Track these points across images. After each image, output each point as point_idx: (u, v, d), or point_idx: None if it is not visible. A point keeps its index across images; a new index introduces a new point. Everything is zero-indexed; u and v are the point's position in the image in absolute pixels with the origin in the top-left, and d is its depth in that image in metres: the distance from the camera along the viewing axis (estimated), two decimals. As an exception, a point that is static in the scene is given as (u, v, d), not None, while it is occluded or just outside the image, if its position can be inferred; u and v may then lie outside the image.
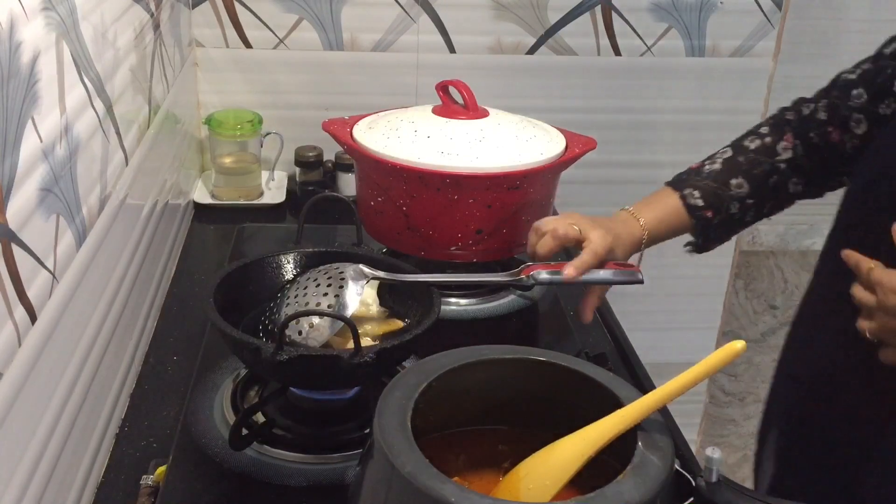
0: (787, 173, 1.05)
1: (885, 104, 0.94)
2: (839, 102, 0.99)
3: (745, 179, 1.06)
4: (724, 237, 1.10)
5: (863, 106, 0.96)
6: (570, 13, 1.64)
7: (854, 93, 0.97)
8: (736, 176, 1.06)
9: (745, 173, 1.06)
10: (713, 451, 0.64)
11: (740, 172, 1.06)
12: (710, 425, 2.19)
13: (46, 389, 0.76)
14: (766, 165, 1.06)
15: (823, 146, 1.02)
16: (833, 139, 1.00)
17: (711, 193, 1.06)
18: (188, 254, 1.40)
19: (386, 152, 1.15)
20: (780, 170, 1.05)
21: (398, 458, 0.61)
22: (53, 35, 0.79)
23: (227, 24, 1.58)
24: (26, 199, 0.71)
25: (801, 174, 1.05)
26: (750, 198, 1.06)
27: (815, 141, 1.03)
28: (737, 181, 1.06)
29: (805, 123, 1.04)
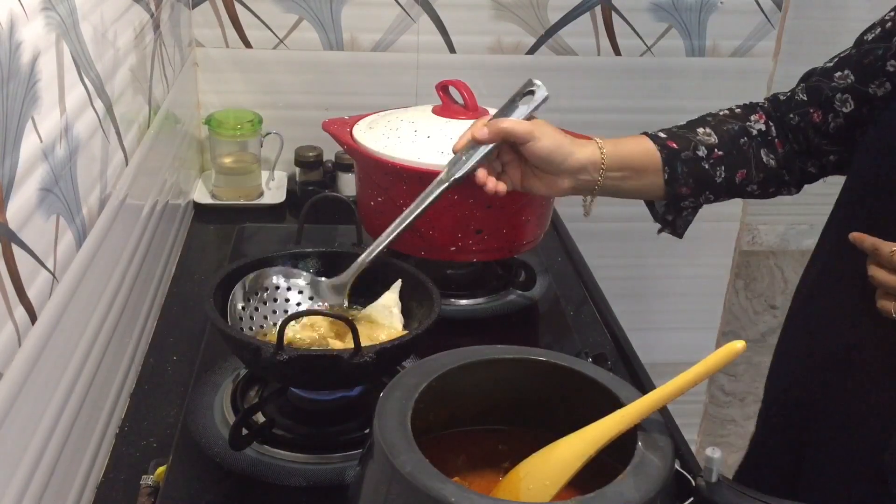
0: (759, 142, 1.03)
1: (875, 84, 0.94)
2: (821, 84, 0.99)
3: (713, 130, 1.03)
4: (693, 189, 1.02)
5: (849, 86, 0.96)
6: (570, 13, 1.64)
7: (837, 74, 0.97)
8: (703, 126, 1.03)
9: (714, 127, 1.03)
10: (713, 451, 0.64)
11: (708, 125, 1.04)
12: (710, 425, 2.19)
13: (46, 389, 0.76)
14: (736, 126, 1.03)
15: (805, 126, 1.00)
16: (814, 119, 0.99)
17: (675, 134, 1.03)
18: (188, 254, 1.40)
19: (386, 152, 1.15)
20: (751, 134, 1.03)
21: (398, 458, 0.61)
22: (53, 35, 0.79)
23: (227, 24, 1.58)
24: (26, 199, 0.71)
25: (773, 150, 1.03)
26: (719, 149, 1.02)
27: (793, 122, 1.01)
28: (704, 130, 1.03)
29: (782, 107, 1.03)
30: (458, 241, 1.18)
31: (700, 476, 0.64)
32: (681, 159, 1.01)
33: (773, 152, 1.03)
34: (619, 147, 1.01)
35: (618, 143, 1.01)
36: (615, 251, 1.84)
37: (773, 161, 1.03)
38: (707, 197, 1.05)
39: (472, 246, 1.19)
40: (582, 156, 0.98)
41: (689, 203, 1.05)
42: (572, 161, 0.98)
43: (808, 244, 1.97)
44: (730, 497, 0.63)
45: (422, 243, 1.19)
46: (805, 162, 1.03)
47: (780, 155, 1.03)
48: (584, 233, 1.60)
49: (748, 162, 1.03)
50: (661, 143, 1.02)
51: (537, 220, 1.23)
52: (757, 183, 1.04)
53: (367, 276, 1.03)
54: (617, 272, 1.81)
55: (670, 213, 1.07)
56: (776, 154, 1.03)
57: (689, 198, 1.04)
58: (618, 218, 1.82)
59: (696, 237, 1.87)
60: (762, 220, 1.94)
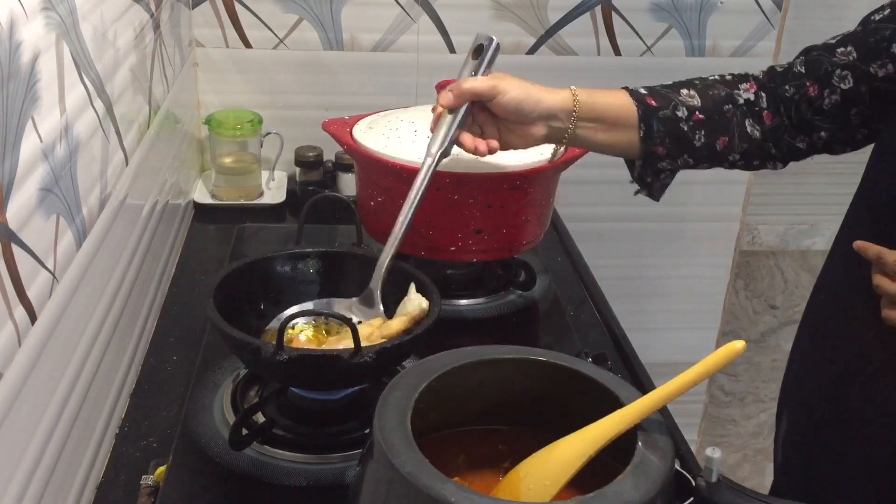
0: (745, 111, 1.01)
1: (876, 64, 0.93)
2: (822, 58, 0.97)
3: (698, 94, 1.01)
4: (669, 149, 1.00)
5: (850, 63, 0.95)
6: (570, 13, 1.64)
7: (840, 50, 0.96)
8: (688, 88, 1.02)
9: (699, 91, 1.01)
10: (713, 451, 0.64)
11: (693, 88, 1.02)
12: (710, 425, 2.19)
13: (46, 389, 0.76)
14: (722, 92, 1.01)
15: (799, 99, 0.99)
16: (810, 93, 0.98)
17: (657, 92, 1.01)
18: (188, 254, 1.40)
19: (386, 152, 1.15)
20: (737, 103, 1.01)
21: (398, 458, 0.61)
22: (53, 35, 0.79)
23: (227, 24, 1.58)
24: (26, 199, 0.71)
25: (759, 121, 1.01)
26: (701, 112, 1.00)
27: (788, 94, 1.00)
28: (688, 92, 1.01)
29: (777, 77, 1.02)
30: (458, 241, 1.18)
31: (700, 476, 0.64)
32: (658, 117, 0.99)
33: (759, 123, 1.01)
34: (595, 97, 0.99)
35: (593, 93, 0.99)
36: (615, 251, 1.84)
37: (758, 132, 1.01)
38: (686, 160, 1.02)
39: (472, 246, 1.19)
40: (552, 102, 0.97)
41: (666, 164, 1.03)
42: (542, 108, 0.96)
43: (808, 244, 1.97)
44: (730, 497, 0.63)
45: (422, 243, 1.19)
46: (794, 137, 1.01)
47: (767, 127, 1.01)
48: (584, 233, 1.60)
49: (730, 130, 1.01)
50: (640, 98, 1.00)
51: (537, 220, 1.23)
52: (740, 153, 1.02)
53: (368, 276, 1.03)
54: (617, 272, 1.82)
55: (647, 175, 1.05)
56: (762, 126, 1.01)
57: (665, 159, 1.02)
58: (618, 218, 1.82)
59: (696, 237, 1.89)
60: (762, 220, 1.93)
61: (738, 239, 1.91)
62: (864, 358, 0.93)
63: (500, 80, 0.96)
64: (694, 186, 1.76)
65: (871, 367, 0.92)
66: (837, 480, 0.99)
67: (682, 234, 1.86)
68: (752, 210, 1.88)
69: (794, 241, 1.98)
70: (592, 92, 0.99)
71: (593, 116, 0.99)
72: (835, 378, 0.97)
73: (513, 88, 0.95)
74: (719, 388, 2.15)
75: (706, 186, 1.79)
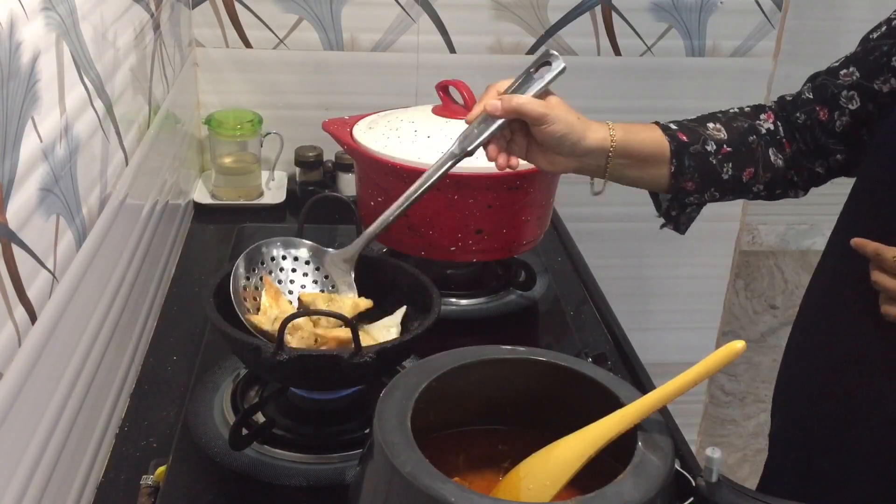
0: (768, 140, 1.02)
1: (880, 80, 0.94)
2: (827, 82, 0.99)
3: (723, 126, 1.02)
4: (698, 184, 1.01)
5: (855, 82, 0.96)
6: (570, 13, 1.64)
7: (843, 72, 0.97)
8: (713, 122, 1.03)
9: (724, 123, 1.02)
10: (713, 451, 0.64)
11: (718, 121, 1.03)
12: (710, 425, 2.19)
13: (46, 389, 0.76)
14: (745, 123, 1.03)
15: (812, 125, 1.01)
16: (821, 117, 0.99)
17: (686, 126, 1.02)
18: (188, 254, 1.40)
19: (386, 152, 1.15)
20: (760, 133, 1.02)
21: (398, 458, 0.61)
22: (53, 35, 0.79)
23: (227, 24, 1.58)
24: (26, 199, 0.71)
25: (781, 150, 1.03)
26: (728, 145, 1.01)
27: (800, 121, 1.01)
28: (714, 125, 1.02)
29: (789, 106, 1.03)
30: (458, 241, 1.18)
31: (700, 476, 0.64)
32: (689, 153, 1.00)
33: (780, 152, 1.03)
34: (631, 135, 0.99)
35: (629, 131, 0.99)
36: (615, 251, 1.84)
37: (781, 161, 1.03)
38: (713, 194, 1.04)
39: (472, 246, 1.19)
40: (591, 142, 0.96)
41: (693, 199, 1.05)
42: (581, 146, 0.96)
43: (808, 244, 1.98)
44: (730, 497, 0.63)
45: (422, 243, 1.19)
46: (812, 162, 1.03)
47: (788, 155, 1.03)
48: (584, 233, 1.60)
49: (756, 161, 1.02)
50: (672, 134, 1.01)
51: (537, 220, 1.23)
52: (763, 183, 1.03)
53: (368, 276, 1.03)
54: (617, 272, 1.82)
55: (674, 209, 1.07)
56: (784, 154, 1.03)
57: (693, 193, 1.03)
58: (618, 218, 1.82)
59: (696, 237, 1.88)
60: (762, 220, 1.94)
61: (739, 239, 1.91)
62: (858, 353, 0.93)
63: (552, 110, 0.93)
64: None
65: (864, 362, 0.93)
66: (829, 475, 0.99)
67: (683, 234, 1.86)
68: (752, 210, 1.88)
69: (794, 241, 1.98)
70: (629, 129, 0.99)
71: (627, 154, 0.99)
72: (828, 373, 0.97)
73: (560, 121, 0.93)
74: (719, 388, 2.15)
75: (706, 186, 1.79)
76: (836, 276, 0.98)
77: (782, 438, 1.07)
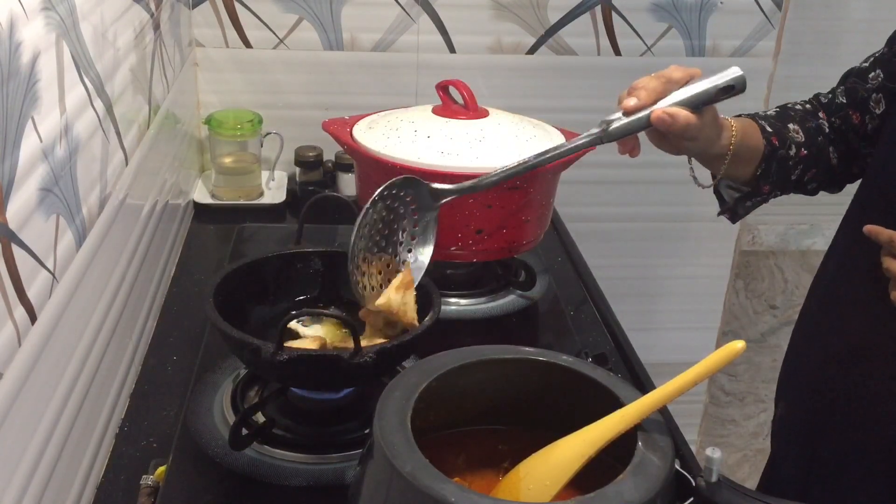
0: (830, 139, 1.03)
1: None
2: (857, 86, 1.00)
3: (800, 128, 1.02)
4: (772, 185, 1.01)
5: (880, 85, 0.97)
6: (570, 13, 1.64)
7: (871, 75, 0.99)
8: (792, 122, 1.03)
9: (800, 123, 1.03)
10: (713, 451, 0.64)
11: (795, 121, 1.03)
12: (710, 425, 2.19)
13: (46, 389, 0.76)
14: (814, 123, 1.03)
15: (847, 129, 1.02)
16: (854, 121, 1.01)
17: (776, 126, 1.02)
18: (188, 254, 1.40)
19: (386, 152, 1.15)
20: (825, 132, 1.03)
21: (398, 458, 0.61)
22: (53, 35, 0.79)
23: (227, 24, 1.58)
24: (26, 199, 0.71)
25: (836, 147, 1.03)
26: (804, 147, 1.01)
27: (837, 125, 1.03)
28: (794, 126, 1.02)
29: (827, 112, 1.04)
30: (458, 241, 1.18)
31: (700, 476, 0.64)
32: (777, 158, 1.00)
33: (837, 150, 1.04)
34: (745, 140, 0.97)
35: (745, 136, 0.97)
36: (615, 251, 1.84)
37: (836, 160, 1.04)
38: (776, 194, 1.03)
39: (472, 246, 1.19)
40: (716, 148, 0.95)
41: (759, 200, 1.04)
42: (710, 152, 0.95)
43: (808, 244, 1.97)
44: (730, 497, 0.63)
45: (422, 243, 1.19)
46: (850, 164, 1.04)
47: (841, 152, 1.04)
48: (584, 233, 1.60)
49: (820, 162, 1.03)
50: (768, 137, 1.00)
51: (537, 220, 1.23)
52: (818, 182, 1.05)
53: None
54: (617, 272, 1.82)
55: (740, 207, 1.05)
56: (839, 151, 1.04)
57: (767, 196, 1.03)
58: (618, 218, 1.82)
59: (696, 237, 1.89)
60: (762, 220, 1.93)
61: (739, 239, 1.91)
62: (862, 343, 0.93)
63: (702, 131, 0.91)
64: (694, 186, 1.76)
65: (868, 352, 0.93)
66: (832, 464, 0.99)
67: (683, 234, 1.86)
68: (752, 210, 1.88)
69: (794, 241, 1.98)
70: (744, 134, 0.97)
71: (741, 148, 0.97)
72: (833, 362, 0.98)
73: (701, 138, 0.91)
74: (719, 388, 2.15)
75: (706, 186, 1.79)
76: (843, 268, 0.99)
77: (786, 426, 1.08)
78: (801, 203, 1.13)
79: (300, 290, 1.04)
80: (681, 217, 1.84)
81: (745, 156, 0.99)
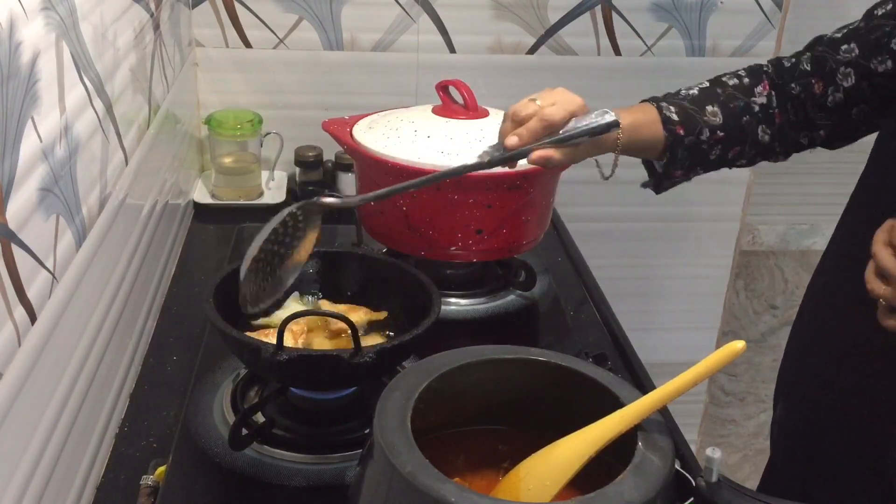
0: (759, 118, 1.03)
1: (877, 59, 0.94)
2: (826, 55, 0.99)
3: (720, 110, 1.03)
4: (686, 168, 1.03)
5: (853, 60, 0.96)
6: (570, 13, 1.64)
7: (843, 47, 0.97)
8: (712, 104, 1.03)
9: (722, 105, 1.03)
10: (713, 451, 0.64)
11: (717, 102, 1.03)
12: (710, 425, 2.19)
13: (46, 389, 0.76)
14: (741, 103, 1.03)
15: (805, 97, 1.00)
16: (815, 91, 0.99)
17: (686, 113, 1.02)
18: (188, 254, 1.40)
19: (386, 152, 1.15)
20: (753, 111, 1.03)
21: (398, 458, 0.61)
22: (53, 35, 0.79)
23: (227, 24, 1.58)
24: (26, 199, 0.71)
25: (770, 124, 1.03)
26: (721, 130, 1.02)
27: (794, 91, 1.01)
28: (712, 109, 1.03)
29: (785, 74, 1.03)
30: (458, 241, 1.18)
31: (700, 476, 0.64)
32: (684, 145, 1.01)
33: (770, 126, 1.03)
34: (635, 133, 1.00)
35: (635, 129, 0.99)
36: (615, 251, 1.84)
37: (768, 137, 1.03)
38: (697, 171, 1.05)
39: (472, 246, 1.19)
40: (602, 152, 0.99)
41: (678, 179, 1.06)
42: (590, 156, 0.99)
43: (808, 244, 1.97)
44: (730, 497, 0.63)
45: (422, 243, 1.19)
46: (798, 133, 1.03)
47: (776, 127, 1.03)
48: (584, 233, 1.60)
49: (745, 140, 1.03)
50: (671, 129, 1.01)
51: (537, 220, 1.23)
52: (747, 158, 1.05)
53: (369, 276, 1.03)
54: (617, 272, 1.81)
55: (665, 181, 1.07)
56: (772, 128, 1.03)
57: (680, 178, 1.06)
58: (618, 218, 1.82)
59: (696, 237, 1.89)
60: (762, 220, 1.94)
61: (739, 239, 1.91)
62: (862, 342, 0.93)
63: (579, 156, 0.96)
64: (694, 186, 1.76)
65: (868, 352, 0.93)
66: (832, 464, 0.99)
67: (683, 234, 1.86)
68: (752, 210, 1.88)
69: (794, 241, 1.98)
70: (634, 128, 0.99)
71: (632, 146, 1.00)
72: (832, 363, 0.98)
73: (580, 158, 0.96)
74: (719, 388, 2.15)
75: (706, 186, 1.78)
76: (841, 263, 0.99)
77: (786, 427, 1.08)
78: (801, 203, 1.14)
79: (300, 290, 1.04)
80: (681, 217, 1.84)
81: (642, 147, 1.01)
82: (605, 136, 0.97)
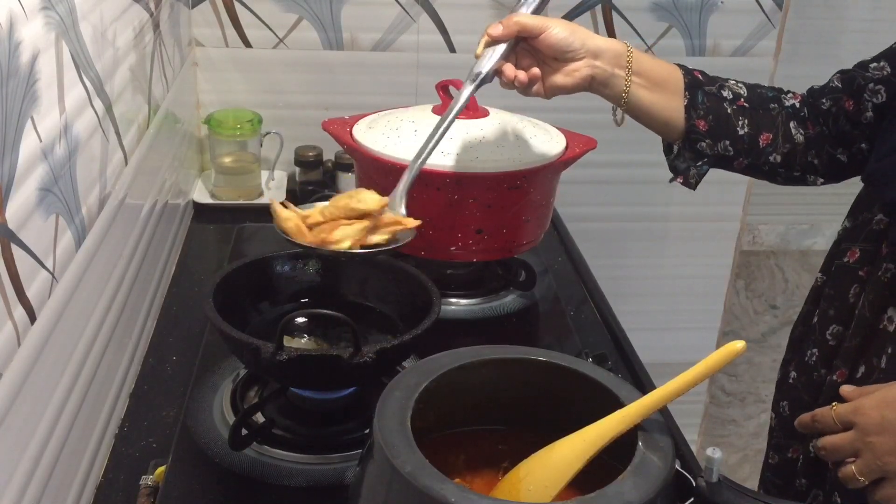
0: (790, 113, 1.02)
1: None
2: (855, 74, 0.99)
3: (745, 86, 1.03)
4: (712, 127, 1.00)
5: (884, 77, 0.96)
6: (570, 13, 1.64)
7: (873, 65, 0.97)
8: (735, 80, 1.04)
9: (746, 85, 1.04)
10: (713, 451, 0.64)
11: (741, 81, 1.04)
12: (711, 425, 2.19)
13: (46, 389, 0.76)
14: (770, 93, 1.03)
15: (839, 113, 1.00)
16: (846, 107, 0.99)
17: (704, 72, 1.04)
18: (188, 254, 1.40)
19: (386, 152, 1.15)
20: (783, 104, 1.03)
21: (398, 458, 0.61)
22: (53, 35, 0.79)
23: (226, 24, 1.58)
24: (26, 198, 0.71)
25: (803, 126, 1.02)
26: (746, 101, 1.01)
27: (825, 107, 1.01)
28: (735, 82, 1.03)
29: (816, 94, 1.03)
30: (458, 241, 1.18)
31: (700, 476, 0.64)
32: (703, 90, 1.01)
33: (802, 127, 1.02)
34: (644, 56, 1.01)
35: (647, 58, 1.01)
36: (615, 251, 1.84)
37: (802, 137, 1.02)
38: (726, 148, 1.02)
39: (472, 246, 1.18)
40: (601, 41, 0.98)
41: (705, 146, 1.02)
42: (589, 45, 0.97)
43: (808, 244, 1.97)
44: (730, 497, 0.63)
45: (422, 243, 1.18)
46: (835, 148, 1.02)
47: (810, 134, 1.02)
48: (584, 233, 1.60)
49: (775, 127, 1.01)
50: (687, 70, 1.02)
51: (537, 220, 1.23)
52: (782, 154, 1.02)
53: (368, 276, 1.03)
54: (617, 272, 1.81)
55: (685, 158, 1.04)
56: (805, 131, 1.02)
57: (706, 137, 1.01)
58: (618, 218, 1.82)
59: (697, 237, 1.89)
60: (762, 220, 1.93)
61: (739, 239, 1.91)
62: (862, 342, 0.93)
63: (550, 20, 0.96)
64: (694, 186, 1.77)
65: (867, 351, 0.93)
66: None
67: (683, 234, 1.86)
68: (752, 210, 1.88)
69: (794, 241, 1.98)
70: (646, 57, 1.01)
71: (642, 71, 0.99)
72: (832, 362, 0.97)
73: (560, 24, 0.96)
74: (719, 388, 2.15)
75: (707, 186, 1.76)
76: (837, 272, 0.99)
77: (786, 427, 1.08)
78: (801, 203, 1.14)
79: (300, 290, 1.04)
80: (681, 217, 1.84)
81: (661, 77, 1.00)
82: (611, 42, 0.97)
